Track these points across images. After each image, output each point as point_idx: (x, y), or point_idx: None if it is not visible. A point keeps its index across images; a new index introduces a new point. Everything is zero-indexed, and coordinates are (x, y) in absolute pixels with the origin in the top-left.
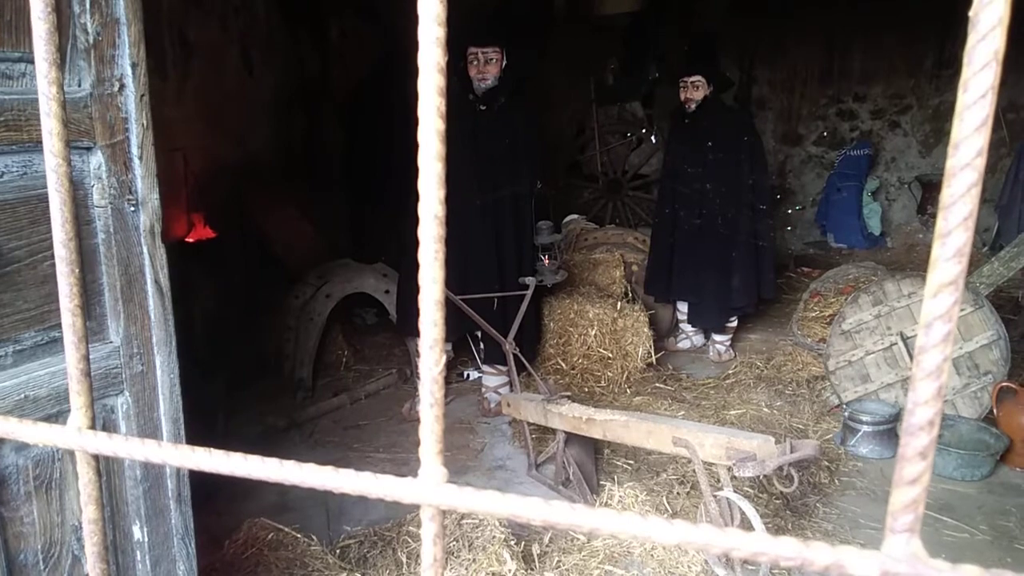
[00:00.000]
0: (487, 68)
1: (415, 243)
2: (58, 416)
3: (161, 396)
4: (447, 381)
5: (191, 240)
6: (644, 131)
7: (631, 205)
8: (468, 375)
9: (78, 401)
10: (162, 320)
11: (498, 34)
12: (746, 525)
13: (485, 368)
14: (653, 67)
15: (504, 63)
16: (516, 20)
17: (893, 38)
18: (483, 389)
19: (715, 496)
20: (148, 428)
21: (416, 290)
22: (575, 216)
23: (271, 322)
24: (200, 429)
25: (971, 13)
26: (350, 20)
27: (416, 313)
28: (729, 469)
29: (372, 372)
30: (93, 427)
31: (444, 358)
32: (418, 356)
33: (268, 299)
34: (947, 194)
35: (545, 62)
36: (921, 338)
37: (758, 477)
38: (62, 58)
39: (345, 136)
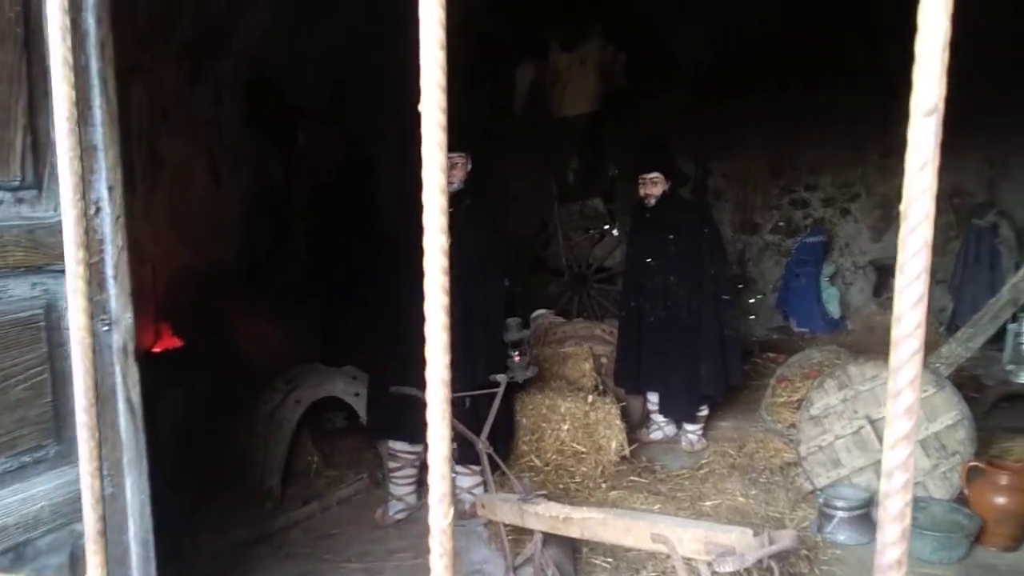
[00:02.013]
0: (452, 172)
1: (387, 347)
2: (26, 544)
3: (131, 519)
4: (419, 483)
5: (157, 350)
6: (607, 227)
7: (597, 297)
8: None
9: (94, 560)
10: (133, 440)
11: (462, 139)
12: None
13: (458, 468)
14: (612, 164)
15: (469, 167)
16: (477, 124)
17: (837, 130)
18: (456, 491)
19: None
20: (118, 552)
21: (387, 392)
22: (543, 311)
23: (239, 430)
24: (166, 546)
25: (901, 207)
26: (314, 125)
27: (387, 415)
28: (709, 564)
29: (343, 477)
30: None
31: (452, 510)
32: (389, 459)
33: (236, 407)
34: (894, 359)
35: (507, 162)
36: (884, 484)
37: (738, 571)
38: (39, 185)
39: (310, 239)
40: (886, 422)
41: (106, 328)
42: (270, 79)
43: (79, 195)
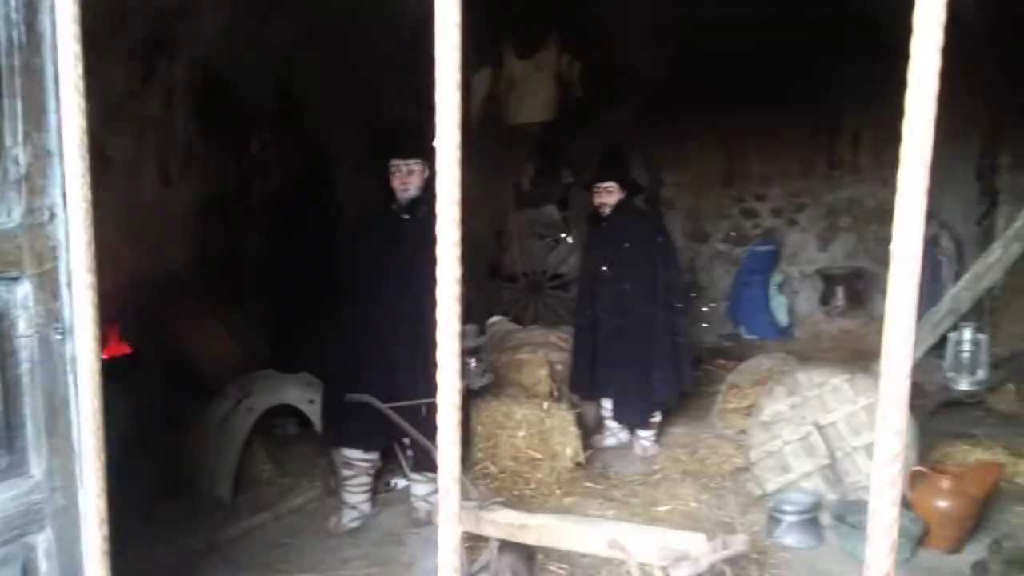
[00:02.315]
0: (409, 179)
1: (342, 354)
2: None
3: (84, 531)
4: (373, 491)
5: (105, 357)
6: (564, 235)
7: (551, 304)
8: (395, 484)
9: None
10: None
11: (419, 147)
12: None
13: (414, 476)
14: (567, 172)
15: (426, 174)
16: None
17: (786, 143)
18: (412, 498)
19: None
20: (70, 566)
21: (342, 400)
22: (499, 317)
23: (189, 438)
24: (114, 558)
25: (892, 247)
26: (270, 131)
27: (342, 423)
28: (664, 569)
29: (295, 486)
30: None
31: (460, 528)
32: (343, 467)
33: (187, 414)
34: (884, 384)
35: (463, 169)
36: (873, 501)
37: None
38: None
39: (265, 245)
40: (875, 442)
41: (59, 337)
42: (223, 81)
43: (90, 220)
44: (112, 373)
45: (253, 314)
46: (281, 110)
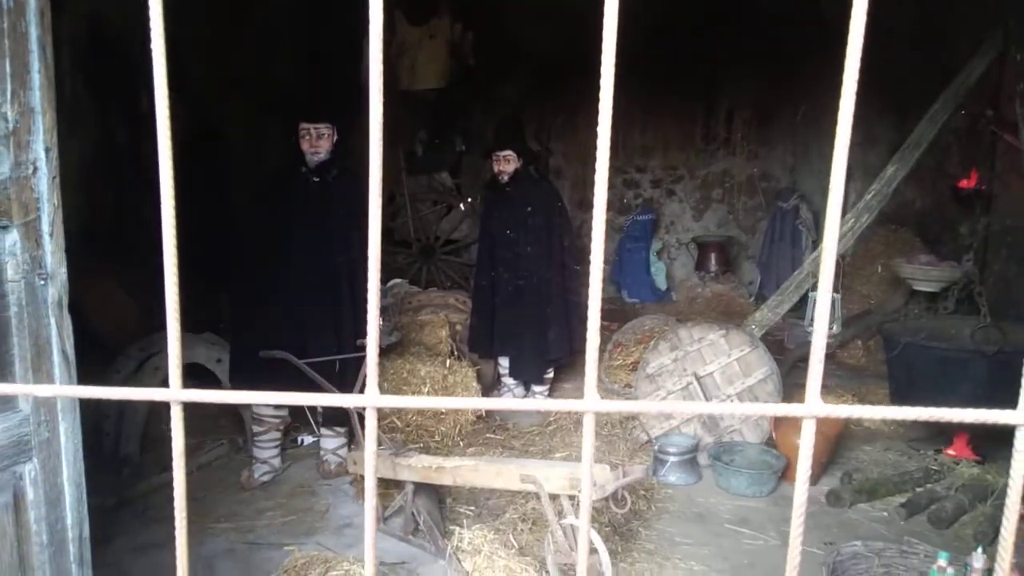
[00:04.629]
0: (319, 143)
1: (252, 313)
2: None
3: (65, 462)
4: (283, 446)
5: None
6: (468, 201)
7: (444, 268)
8: (302, 440)
9: None
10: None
11: (329, 110)
12: (591, 547)
13: (324, 431)
14: (459, 139)
15: (336, 138)
16: (342, 95)
17: (666, 119)
18: (321, 452)
19: (561, 524)
20: (53, 494)
21: (252, 357)
22: (398, 280)
23: (88, 400)
24: None
25: (824, 243)
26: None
27: (252, 380)
28: (572, 498)
29: (201, 444)
30: None
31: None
32: (254, 423)
33: (87, 376)
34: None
35: (356, 133)
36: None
37: (600, 500)
38: None
39: (158, 205)
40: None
41: (43, 282)
42: (111, 36)
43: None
44: None
45: (151, 274)
46: (172, 70)
